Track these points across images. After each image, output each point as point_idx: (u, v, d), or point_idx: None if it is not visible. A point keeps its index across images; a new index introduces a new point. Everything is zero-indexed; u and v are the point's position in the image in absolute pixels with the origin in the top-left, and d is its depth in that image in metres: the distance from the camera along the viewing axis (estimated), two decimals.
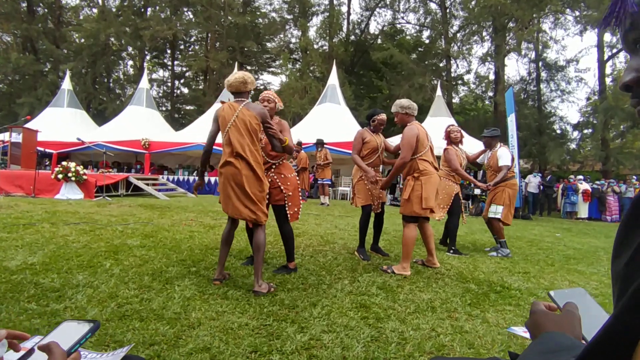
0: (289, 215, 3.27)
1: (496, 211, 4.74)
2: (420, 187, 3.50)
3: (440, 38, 23.85)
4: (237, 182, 2.75)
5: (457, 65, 24.90)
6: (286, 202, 3.27)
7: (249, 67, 29.13)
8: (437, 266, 3.77)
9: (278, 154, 3.27)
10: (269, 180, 3.21)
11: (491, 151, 4.98)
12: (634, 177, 13.88)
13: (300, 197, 3.43)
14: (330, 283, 3.01)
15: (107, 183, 9.54)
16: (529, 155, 20.86)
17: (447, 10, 23.41)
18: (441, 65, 24.40)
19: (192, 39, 29.12)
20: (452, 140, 4.93)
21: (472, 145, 11.03)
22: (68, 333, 0.68)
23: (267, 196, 3.09)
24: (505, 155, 4.76)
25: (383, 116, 4.17)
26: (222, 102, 2.98)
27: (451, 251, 4.58)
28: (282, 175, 3.29)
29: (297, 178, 3.45)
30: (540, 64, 21.93)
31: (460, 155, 4.82)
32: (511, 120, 11.12)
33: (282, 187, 3.25)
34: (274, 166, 3.31)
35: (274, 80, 45.04)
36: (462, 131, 5.14)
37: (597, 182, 14.10)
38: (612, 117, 17.61)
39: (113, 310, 2.24)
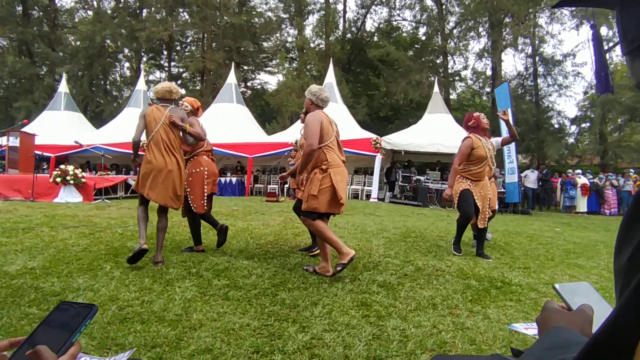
0: (192, 207, 3.80)
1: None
2: (329, 181, 3.09)
3: (436, 34, 23.85)
4: (167, 174, 3.30)
5: (454, 62, 24.91)
6: (188, 194, 3.77)
7: (245, 67, 29.09)
8: (329, 274, 3.15)
9: (192, 150, 3.85)
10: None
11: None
12: (632, 170, 13.92)
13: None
14: (331, 282, 3.01)
15: (105, 186, 9.53)
16: (527, 150, 20.91)
17: (443, 7, 23.40)
18: (438, 61, 24.41)
19: (189, 40, 29.05)
20: (482, 127, 4.27)
21: None
22: (64, 320, 0.65)
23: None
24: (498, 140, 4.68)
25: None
26: (150, 104, 3.56)
27: (453, 247, 4.41)
28: (187, 171, 3.80)
29: (206, 173, 3.85)
30: (537, 58, 21.98)
31: (485, 146, 4.19)
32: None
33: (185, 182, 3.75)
34: (188, 161, 3.88)
35: (270, 80, 45.00)
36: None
37: (590, 176, 14.12)
38: (610, 110, 17.67)
39: (114, 313, 2.23)
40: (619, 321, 0.38)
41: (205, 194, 3.87)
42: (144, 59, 28.83)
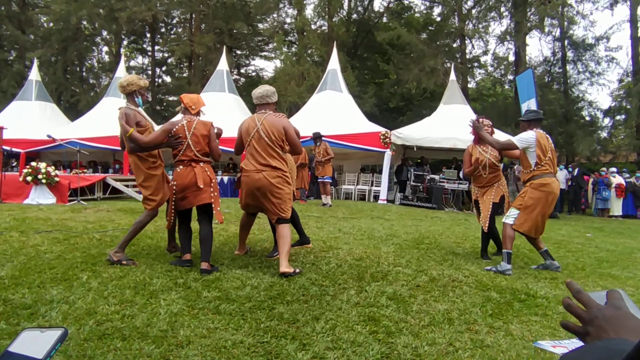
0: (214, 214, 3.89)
1: (509, 214, 4.23)
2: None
3: (453, 15, 23.74)
4: None
5: (473, 46, 24.79)
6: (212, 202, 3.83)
7: (238, 52, 29.09)
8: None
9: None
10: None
11: None
12: None
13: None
14: (335, 294, 3.02)
15: (82, 185, 9.55)
16: (554, 145, 20.84)
17: None
18: (455, 45, 24.32)
19: (175, 21, 29.02)
20: (477, 138, 4.57)
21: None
22: (32, 346, 0.64)
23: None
24: (523, 136, 4.38)
25: None
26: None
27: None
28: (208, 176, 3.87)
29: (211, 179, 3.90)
30: (565, 42, 21.85)
31: (481, 154, 4.72)
32: (529, 107, 11.06)
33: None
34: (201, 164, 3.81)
35: (267, 66, 45.00)
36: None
37: (626, 175, 14.02)
38: None
39: (92, 328, 2.24)
40: None
41: None
42: (125, 42, 28.84)
